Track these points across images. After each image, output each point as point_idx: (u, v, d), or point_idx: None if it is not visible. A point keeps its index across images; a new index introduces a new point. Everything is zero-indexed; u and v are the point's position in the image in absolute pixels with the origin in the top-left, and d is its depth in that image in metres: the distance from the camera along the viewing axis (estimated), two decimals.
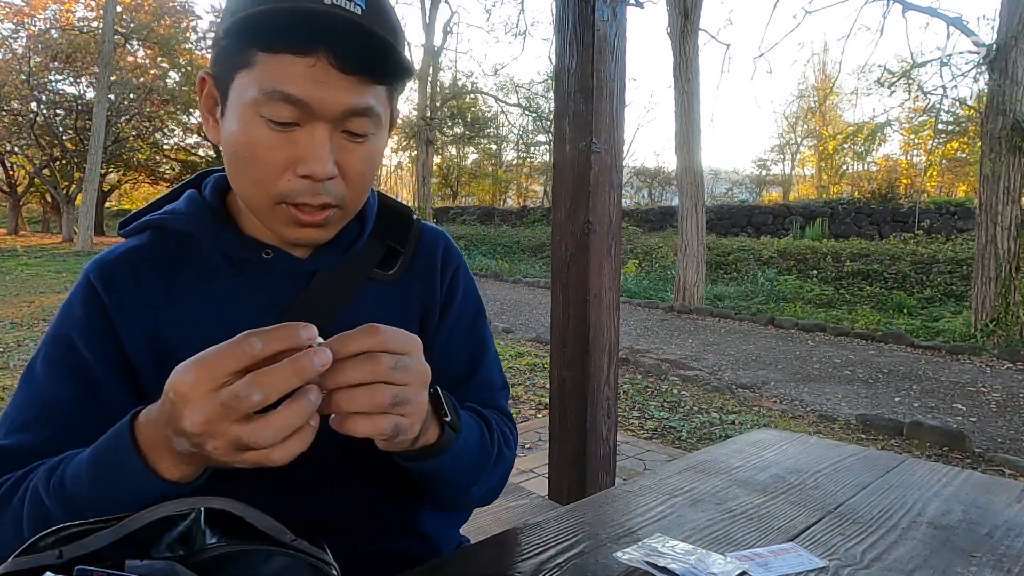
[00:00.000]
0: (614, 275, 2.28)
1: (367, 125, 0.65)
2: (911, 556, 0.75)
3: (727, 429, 4.24)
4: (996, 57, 7.13)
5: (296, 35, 0.60)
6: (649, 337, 7.62)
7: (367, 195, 0.73)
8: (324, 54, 0.60)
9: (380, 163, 0.71)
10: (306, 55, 0.60)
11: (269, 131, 0.63)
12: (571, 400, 2.29)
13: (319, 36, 0.60)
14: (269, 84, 0.61)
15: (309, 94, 0.61)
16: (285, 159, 0.64)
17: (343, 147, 0.65)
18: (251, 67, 0.62)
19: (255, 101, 0.62)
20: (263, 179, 0.65)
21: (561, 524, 0.81)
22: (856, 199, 15.41)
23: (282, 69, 0.61)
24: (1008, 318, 7.03)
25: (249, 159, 0.64)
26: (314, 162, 0.63)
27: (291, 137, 0.63)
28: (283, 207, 0.66)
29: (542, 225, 17.52)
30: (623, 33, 2.21)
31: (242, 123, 0.64)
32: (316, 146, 0.63)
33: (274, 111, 0.62)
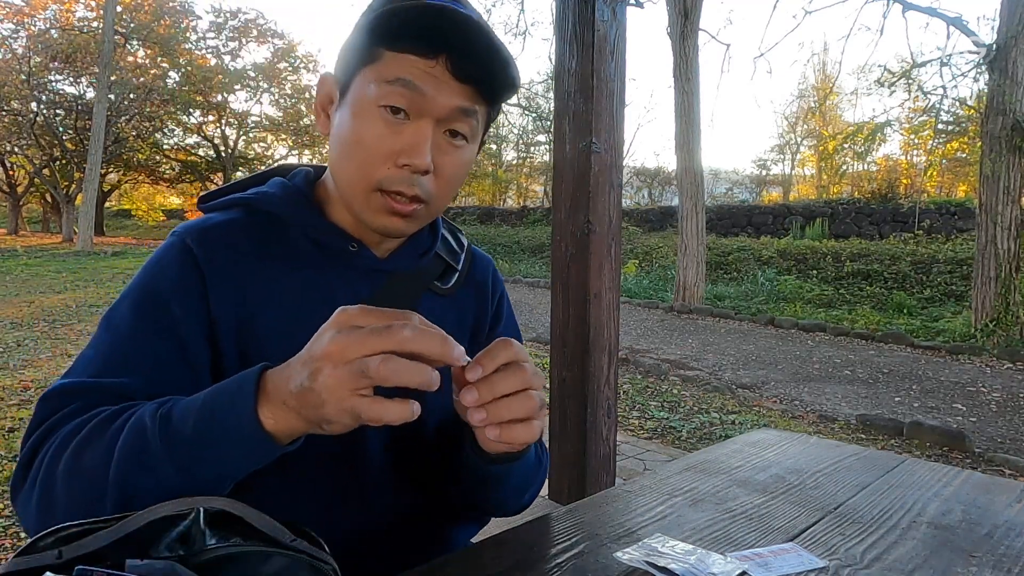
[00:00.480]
0: (614, 275, 2.28)
1: (468, 127, 0.72)
2: (911, 556, 0.75)
3: (727, 429, 4.24)
4: (996, 57, 7.13)
5: (423, 39, 0.67)
6: (649, 337, 7.62)
7: (450, 200, 0.78)
8: (444, 59, 0.68)
9: (465, 175, 0.77)
10: (428, 57, 0.68)
11: (380, 122, 0.69)
12: (571, 400, 2.29)
13: (443, 43, 0.67)
14: (393, 75, 0.68)
15: (427, 87, 0.68)
16: (389, 149, 0.70)
17: (442, 147, 0.72)
18: (375, 63, 0.69)
19: (377, 91, 0.69)
20: (366, 164, 0.70)
21: (561, 524, 0.81)
22: (856, 199, 15.41)
23: (406, 64, 0.68)
24: (1008, 318, 7.03)
25: (356, 145, 0.70)
26: (415, 153, 0.69)
27: (398, 129, 0.69)
28: (378, 195, 0.71)
29: (542, 225, 17.52)
30: (623, 33, 2.21)
31: (357, 113, 0.70)
32: (420, 139, 0.69)
33: (393, 98, 0.68)
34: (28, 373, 4.96)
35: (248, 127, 26.82)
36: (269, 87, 25.93)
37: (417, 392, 0.53)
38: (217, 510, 0.53)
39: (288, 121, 26.09)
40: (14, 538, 2.53)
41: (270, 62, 25.53)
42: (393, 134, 0.69)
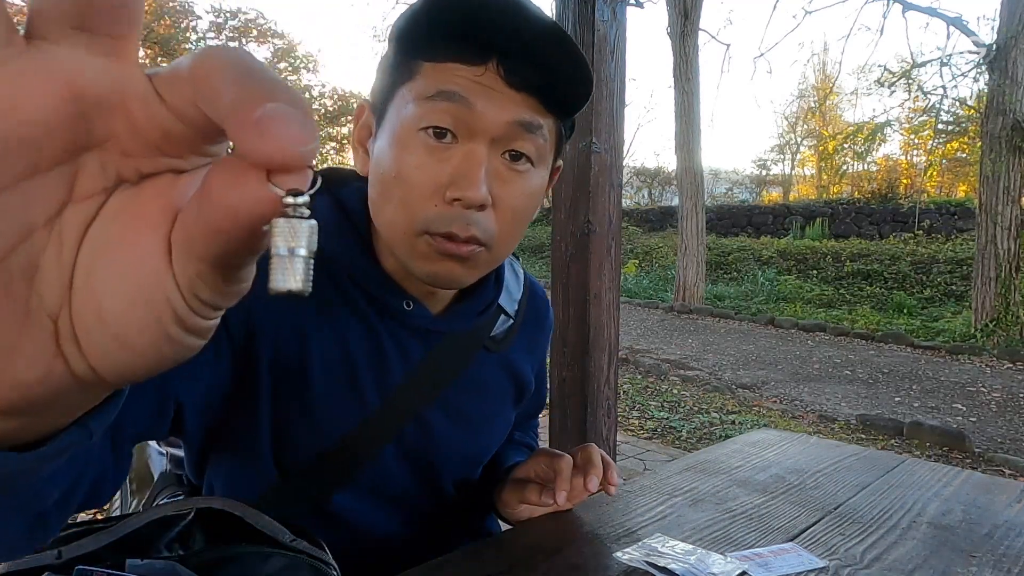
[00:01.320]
0: (614, 275, 2.28)
1: (532, 146, 0.60)
2: (911, 556, 0.75)
3: (727, 429, 4.24)
4: (996, 57, 7.12)
5: (465, 40, 0.56)
6: (649, 337, 7.62)
7: (515, 243, 0.66)
8: (494, 63, 0.57)
9: (536, 206, 0.65)
10: (475, 64, 0.57)
11: (423, 149, 0.58)
12: (571, 400, 2.29)
13: (490, 43, 0.56)
14: (434, 88, 0.57)
15: (475, 97, 0.57)
16: (436, 182, 0.58)
17: (500, 175, 0.60)
18: (414, 78, 0.58)
19: (416, 111, 0.58)
20: (409, 203, 0.59)
21: (561, 524, 0.81)
22: (856, 199, 15.41)
23: (449, 74, 0.57)
24: (1008, 318, 7.03)
25: (396, 180, 0.59)
26: (467, 184, 0.57)
27: (445, 156, 0.58)
28: (425, 239, 0.59)
29: (542, 225, 17.52)
30: (623, 33, 2.21)
31: (395, 141, 0.59)
32: (472, 166, 0.57)
33: (437, 116, 0.57)
34: None
35: None
36: None
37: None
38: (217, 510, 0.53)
39: None
40: None
41: (270, 62, 25.54)
42: (438, 162, 0.58)
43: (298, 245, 0.19)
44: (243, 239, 0.19)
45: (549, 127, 0.62)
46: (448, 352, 0.72)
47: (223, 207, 0.18)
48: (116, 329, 0.20)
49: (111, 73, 0.19)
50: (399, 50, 0.60)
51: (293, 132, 0.17)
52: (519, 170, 0.61)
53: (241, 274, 0.21)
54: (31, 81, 0.18)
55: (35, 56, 0.18)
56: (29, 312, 0.20)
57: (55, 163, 0.19)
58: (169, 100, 0.19)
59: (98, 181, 0.20)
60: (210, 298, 0.20)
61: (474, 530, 0.88)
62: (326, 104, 22.17)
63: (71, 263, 0.20)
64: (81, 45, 0.18)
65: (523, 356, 0.83)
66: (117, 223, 0.20)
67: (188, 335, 0.21)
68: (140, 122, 0.19)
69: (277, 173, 0.17)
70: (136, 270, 0.20)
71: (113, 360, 0.20)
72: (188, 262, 0.19)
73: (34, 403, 0.21)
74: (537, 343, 0.86)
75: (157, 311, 0.20)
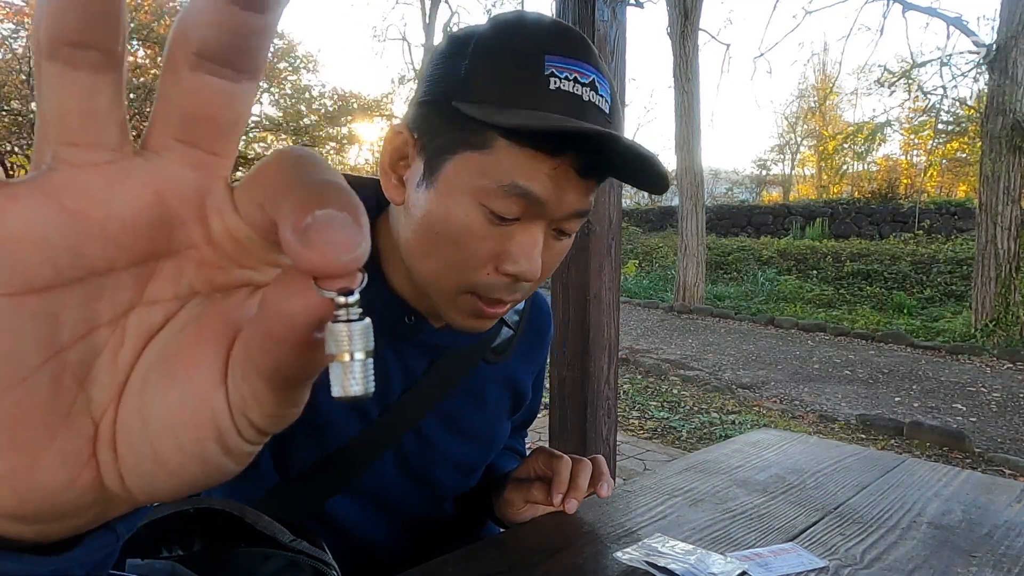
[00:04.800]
0: (614, 275, 2.28)
1: (576, 226, 0.63)
2: (911, 556, 0.75)
3: (727, 429, 4.24)
4: (996, 57, 7.13)
5: (552, 137, 0.56)
6: (649, 337, 7.62)
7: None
8: (571, 156, 0.57)
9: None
10: (554, 156, 0.56)
11: (486, 223, 0.58)
12: (571, 400, 2.29)
13: (572, 139, 0.56)
14: (508, 177, 0.56)
15: (549, 195, 0.57)
16: (492, 252, 0.59)
17: (548, 244, 0.62)
18: (485, 151, 0.56)
19: (483, 190, 0.57)
20: (461, 267, 0.60)
21: (561, 524, 0.81)
22: (856, 199, 15.42)
23: (525, 164, 0.56)
24: (1008, 318, 7.03)
25: (452, 243, 0.59)
26: (526, 262, 0.59)
27: (506, 232, 0.59)
28: (469, 297, 0.61)
29: None
30: (623, 33, 2.21)
31: (457, 205, 0.58)
32: (534, 247, 0.59)
33: (505, 207, 0.57)
34: None
35: (248, 127, 26.85)
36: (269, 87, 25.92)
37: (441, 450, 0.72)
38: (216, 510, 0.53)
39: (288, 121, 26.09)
40: None
41: (270, 62, 25.54)
42: (501, 236, 0.58)
43: (354, 349, 0.18)
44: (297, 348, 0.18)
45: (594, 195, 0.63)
46: (449, 365, 0.73)
47: (275, 314, 0.18)
48: (156, 442, 0.19)
49: (199, 185, 0.20)
50: (476, 111, 0.56)
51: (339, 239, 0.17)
52: (563, 239, 0.63)
53: (296, 396, 0.20)
54: (125, 182, 0.19)
55: (136, 161, 0.19)
56: (71, 412, 0.19)
57: (131, 264, 0.19)
58: (241, 208, 0.19)
59: (170, 288, 0.20)
60: (259, 420, 0.19)
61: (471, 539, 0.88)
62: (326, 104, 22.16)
63: (128, 367, 0.20)
64: (178, 156, 0.19)
65: (522, 367, 0.84)
66: (183, 334, 0.20)
67: (225, 457, 0.20)
68: (217, 232, 0.20)
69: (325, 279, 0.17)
70: (188, 383, 0.19)
71: (144, 473, 0.20)
72: (243, 378, 0.19)
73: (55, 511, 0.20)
74: (536, 354, 0.87)
75: (199, 429, 0.19)
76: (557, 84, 0.56)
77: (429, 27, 22.71)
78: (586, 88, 0.57)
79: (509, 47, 0.57)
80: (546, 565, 0.70)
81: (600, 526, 0.80)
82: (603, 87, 0.59)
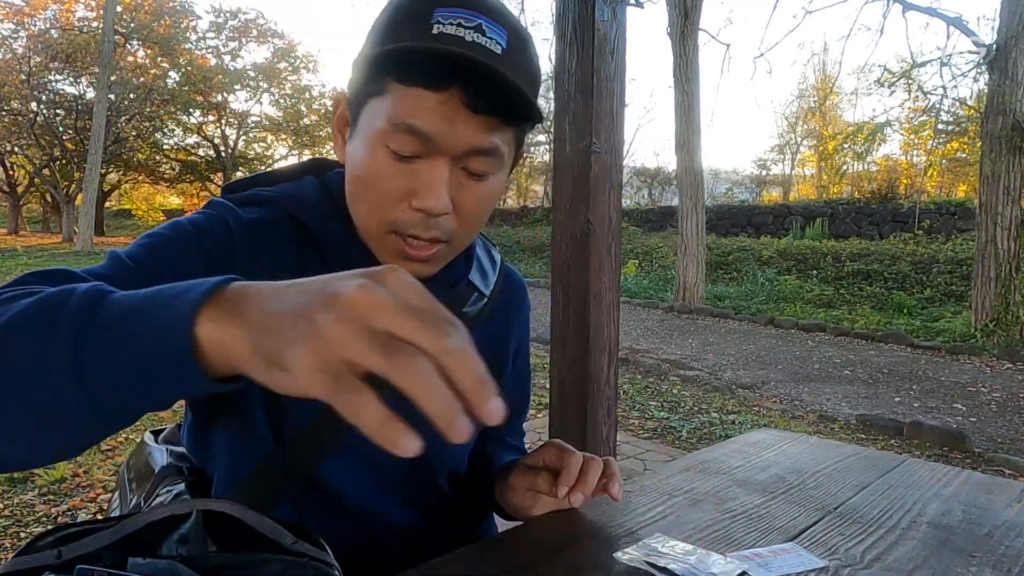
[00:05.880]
0: (614, 275, 2.28)
1: (487, 164, 0.65)
2: (911, 556, 0.75)
3: (727, 429, 4.24)
4: (996, 57, 7.13)
5: (433, 71, 0.59)
6: (649, 337, 7.62)
7: (476, 234, 0.73)
8: (457, 91, 0.60)
9: (495, 202, 0.71)
10: (439, 91, 0.60)
11: (391, 161, 0.63)
12: (571, 400, 2.29)
13: (455, 74, 0.59)
14: (398, 116, 0.61)
15: (436, 129, 0.61)
16: (402, 189, 0.64)
17: (460, 183, 0.65)
18: (383, 95, 0.62)
19: (382, 131, 0.62)
20: (378, 206, 0.65)
21: (561, 524, 0.81)
22: (856, 199, 15.42)
23: (413, 102, 0.61)
24: (1008, 318, 7.03)
25: (368, 185, 0.65)
26: (430, 196, 0.63)
27: (411, 168, 0.63)
28: (393, 236, 0.66)
29: (542, 225, 17.52)
30: (623, 33, 2.21)
31: (367, 149, 0.64)
32: (435, 181, 0.63)
33: (400, 143, 0.62)
34: None
35: (248, 127, 26.82)
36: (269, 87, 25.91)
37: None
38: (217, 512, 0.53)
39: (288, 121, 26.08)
40: (14, 538, 2.53)
41: (270, 62, 25.52)
42: (404, 174, 0.63)
43: None
44: None
45: (507, 139, 0.66)
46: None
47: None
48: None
49: None
50: (371, 66, 0.63)
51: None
52: (477, 180, 0.66)
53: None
54: None
55: None
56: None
57: None
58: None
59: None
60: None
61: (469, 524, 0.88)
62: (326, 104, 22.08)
63: None
64: None
65: (497, 336, 0.85)
66: None
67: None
68: None
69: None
70: None
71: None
72: None
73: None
74: (512, 327, 0.87)
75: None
76: (440, 29, 0.60)
77: None
78: (470, 30, 0.60)
79: (403, 7, 0.62)
80: (546, 565, 0.70)
81: (600, 526, 0.80)
82: (493, 31, 0.61)
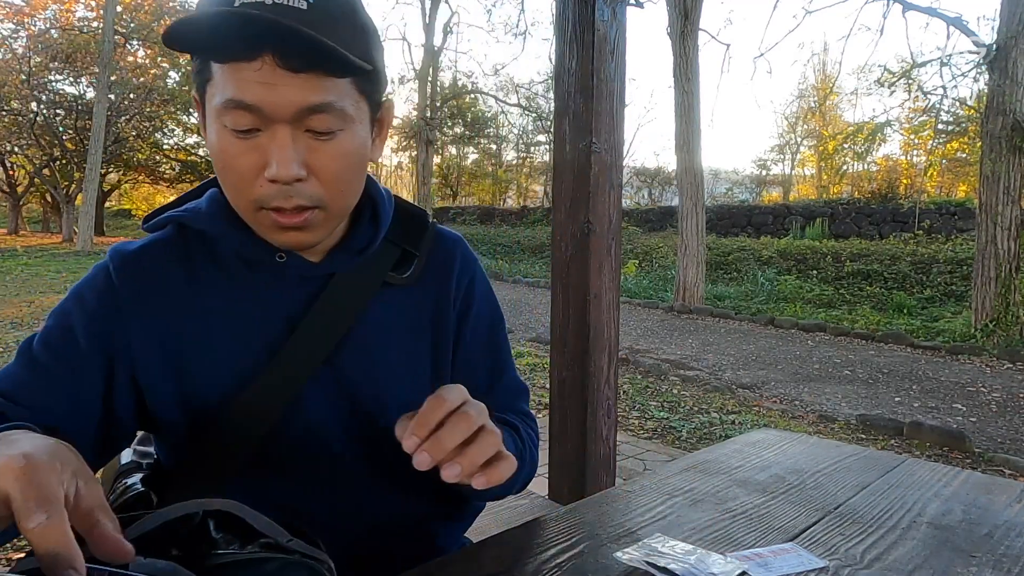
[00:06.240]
0: (614, 275, 2.28)
1: (329, 122, 0.63)
2: (911, 556, 0.75)
3: (727, 429, 4.24)
4: (996, 57, 7.12)
5: (238, 42, 0.59)
6: (649, 337, 7.62)
7: (352, 193, 0.71)
8: (269, 57, 0.60)
9: (361, 158, 0.69)
10: (252, 59, 0.60)
11: (234, 140, 0.63)
12: (571, 400, 2.29)
13: (260, 39, 0.59)
14: (225, 94, 0.61)
15: (259, 97, 0.60)
16: (254, 165, 0.64)
17: (310, 146, 0.64)
18: (212, 79, 0.63)
19: (218, 111, 0.63)
20: (239, 186, 0.65)
21: (561, 524, 0.81)
22: (856, 199, 15.42)
23: (233, 76, 0.61)
24: (1008, 318, 7.03)
25: (224, 168, 0.65)
26: (277, 165, 0.62)
27: (255, 143, 0.63)
28: (264, 212, 0.66)
29: (542, 225, 17.52)
30: (623, 33, 2.21)
31: (213, 133, 0.64)
32: (278, 149, 0.62)
33: (233, 120, 0.62)
34: None
35: None
36: None
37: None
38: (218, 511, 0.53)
39: None
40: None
41: None
42: (251, 150, 0.63)
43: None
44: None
45: (343, 92, 0.64)
46: (340, 294, 0.75)
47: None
48: None
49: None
50: (195, 55, 0.64)
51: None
52: (326, 139, 0.64)
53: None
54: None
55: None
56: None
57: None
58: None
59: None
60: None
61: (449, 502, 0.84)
62: None
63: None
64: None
65: (434, 291, 0.81)
66: None
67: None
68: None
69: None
70: None
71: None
72: None
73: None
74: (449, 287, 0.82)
75: None
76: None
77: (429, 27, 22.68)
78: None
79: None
80: (546, 565, 0.70)
81: (600, 526, 0.80)
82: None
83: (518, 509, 2.56)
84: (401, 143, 27.48)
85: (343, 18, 0.62)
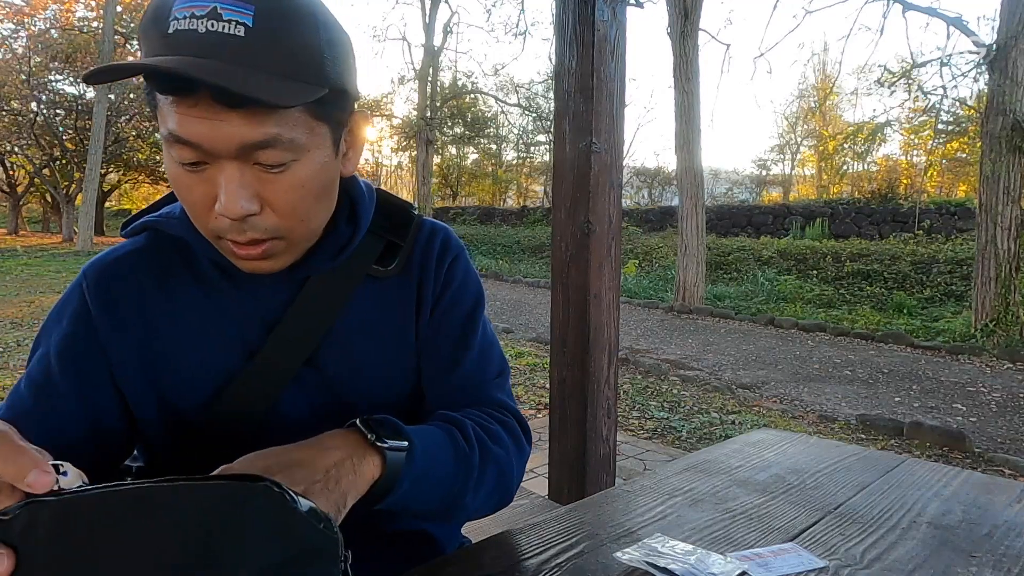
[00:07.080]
0: (614, 275, 2.28)
1: (278, 155, 0.59)
2: (911, 556, 0.75)
3: (727, 429, 4.24)
4: (996, 57, 7.12)
5: (174, 79, 0.55)
6: (649, 337, 7.62)
7: (316, 219, 0.67)
8: (204, 91, 0.55)
9: (322, 184, 0.64)
10: (186, 96, 0.56)
11: (184, 172, 0.60)
12: (571, 400, 2.29)
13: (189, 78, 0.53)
14: (167, 127, 0.58)
15: (200, 134, 0.57)
16: (205, 195, 0.61)
17: (261, 179, 0.60)
18: (158, 106, 0.59)
19: (165, 144, 0.60)
20: (194, 215, 0.63)
21: (561, 524, 0.81)
22: (856, 199, 15.41)
23: (172, 111, 0.57)
24: (1008, 318, 7.02)
25: (180, 196, 0.63)
26: (224, 203, 0.59)
27: (205, 175, 0.60)
28: (223, 241, 0.64)
29: (542, 225, 17.52)
30: (623, 33, 2.21)
31: (167, 160, 0.62)
32: (225, 185, 0.59)
33: (180, 154, 0.59)
34: None
35: None
36: None
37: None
38: None
39: None
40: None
41: None
42: (201, 183, 0.60)
43: None
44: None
45: (296, 119, 0.59)
46: (317, 295, 0.73)
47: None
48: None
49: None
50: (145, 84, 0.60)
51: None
52: (277, 172, 0.60)
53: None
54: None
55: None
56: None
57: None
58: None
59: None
60: None
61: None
62: None
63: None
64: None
65: (417, 279, 0.79)
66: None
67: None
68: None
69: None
70: None
71: None
72: None
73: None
74: (430, 265, 0.80)
75: None
76: (176, 26, 0.54)
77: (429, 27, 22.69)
78: (203, 19, 0.54)
79: (150, 10, 0.57)
80: (546, 565, 0.70)
81: (600, 526, 0.80)
82: (232, 11, 0.54)
83: (518, 509, 2.56)
84: (401, 143, 27.49)
85: (290, 36, 0.56)
